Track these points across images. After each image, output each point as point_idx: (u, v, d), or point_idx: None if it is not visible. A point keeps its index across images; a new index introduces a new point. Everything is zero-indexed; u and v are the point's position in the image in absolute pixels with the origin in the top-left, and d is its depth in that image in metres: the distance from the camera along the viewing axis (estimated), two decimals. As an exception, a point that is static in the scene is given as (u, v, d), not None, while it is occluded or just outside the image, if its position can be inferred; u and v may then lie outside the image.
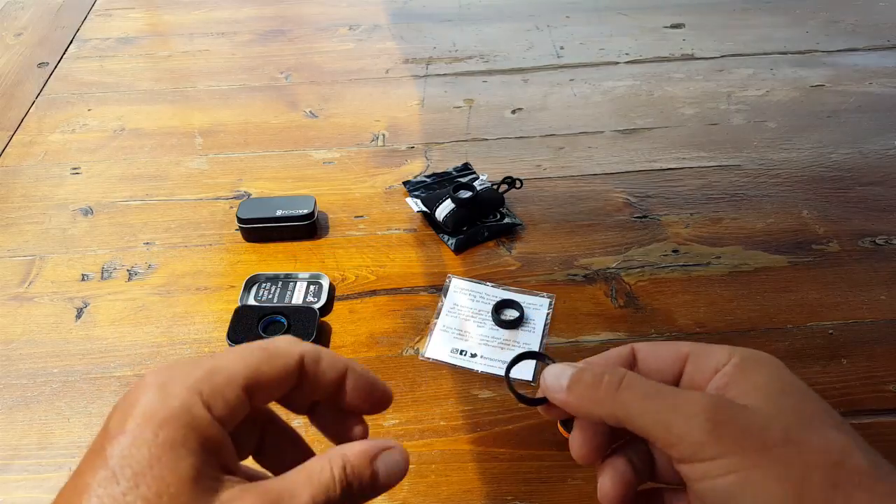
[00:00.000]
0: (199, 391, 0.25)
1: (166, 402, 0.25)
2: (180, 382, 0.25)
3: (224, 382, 0.26)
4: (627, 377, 0.29)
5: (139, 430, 0.24)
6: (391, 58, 0.93)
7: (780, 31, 0.96)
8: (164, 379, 0.25)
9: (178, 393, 0.25)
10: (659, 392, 0.28)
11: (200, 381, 0.25)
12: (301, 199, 0.67)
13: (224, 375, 0.26)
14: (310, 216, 0.66)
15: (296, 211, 0.66)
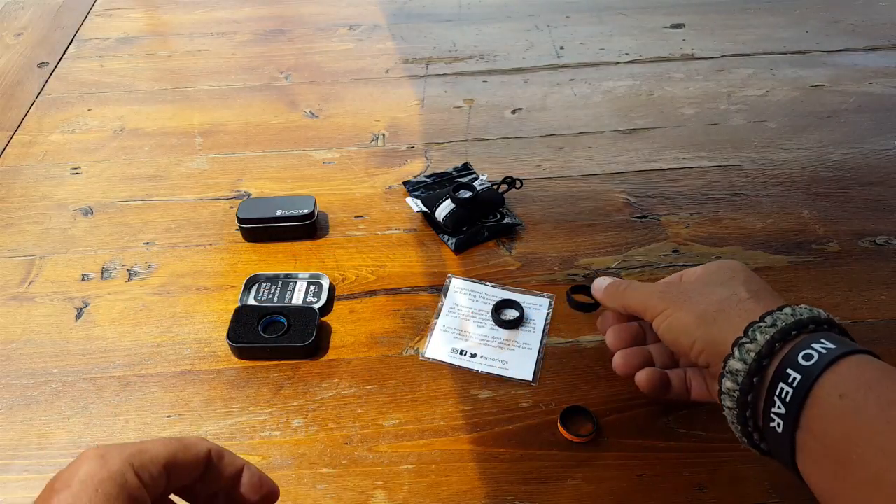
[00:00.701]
0: (131, 462, 0.31)
1: (105, 467, 0.30)
2: (117, 455, 0.31)
3: (150, 460, 0.32)
4: (631, 283, 0.49)
5: (83, 487, 0.30)
6: (391, 58, 0.93)
7: (780, 31, 0.96)
8: (103, 452, 0.31)
9: (115, 462, 0.31)
10: (640, 287, 0.48)
11: (132, 455, 0.31)
12: (301, 199, 0.67)
13: (150, 455, 0.32)
14: (310, 216, 0.66)
15: (296, 211, 0.66)
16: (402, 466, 0.49)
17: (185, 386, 0.55)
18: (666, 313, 0.45)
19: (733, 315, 0.41)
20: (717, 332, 0.41)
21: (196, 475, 0.34)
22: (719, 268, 0.46)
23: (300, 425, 0.52)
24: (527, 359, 0.56)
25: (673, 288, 0.46)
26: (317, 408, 0.53)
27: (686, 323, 0.43)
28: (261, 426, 0.52)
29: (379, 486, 0.48)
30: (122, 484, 0.31)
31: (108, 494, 0.30)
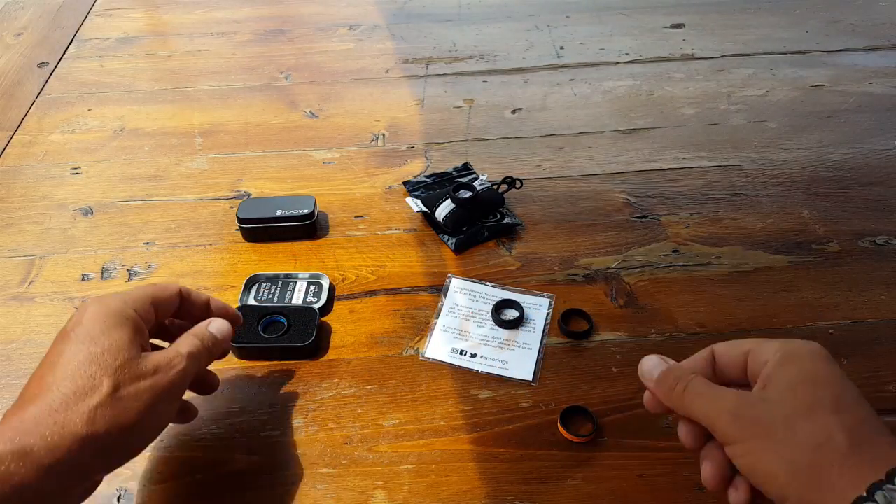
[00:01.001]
0: (125, 301, 0.43)
1: (107, 306, 0.42)
2: (113, 298, 0.43)
3: (140, 297, 0.44)
4: (692, 383, 0.39)
5: (93, 321, 0.41)
6: (391, 58, 0.93)
7: (780, 31, 0.96)
8: (100, 298, 0.43)
9: (114, 301, 0.43)
10: (706, 393, 0.38)
11: (125, 295, 0.44)
12: (301, 199, 0.67)
13: (138, 294, 0.44)
14: (310, 216, 0.66)
15: (296, 211, 0.66)
16: (402, 466, 0.49)
17: (185, 386, 0.55)
18: (745, 447, 0.36)
19: (833, 475, 0.33)
20: (816, 497, 0.33)
21: (174, 308, 0.47)
22: (801, 378, 0.36)
23: (300, 425, 0.52)
24: (527, 359, 0.56)
25: (747, 406, 0.36)
26: (317, 408, 0.53)
27: (773, 472, 0.35)
28: (261, 426, 0.52)
29: (379, 486, 0.48)
30: (124, 315, 0.42)
31: (115, 323, 0.41)
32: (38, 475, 0.35)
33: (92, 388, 0.38)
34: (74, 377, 0.38)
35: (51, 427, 0.36)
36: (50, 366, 0.39)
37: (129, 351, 0.40)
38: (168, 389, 0.41)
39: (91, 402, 0.38)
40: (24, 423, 0.37)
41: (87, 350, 0.39)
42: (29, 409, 0.37)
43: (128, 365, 0.40)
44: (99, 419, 0.37)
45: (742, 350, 0.39)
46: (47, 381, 0.38)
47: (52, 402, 0.37)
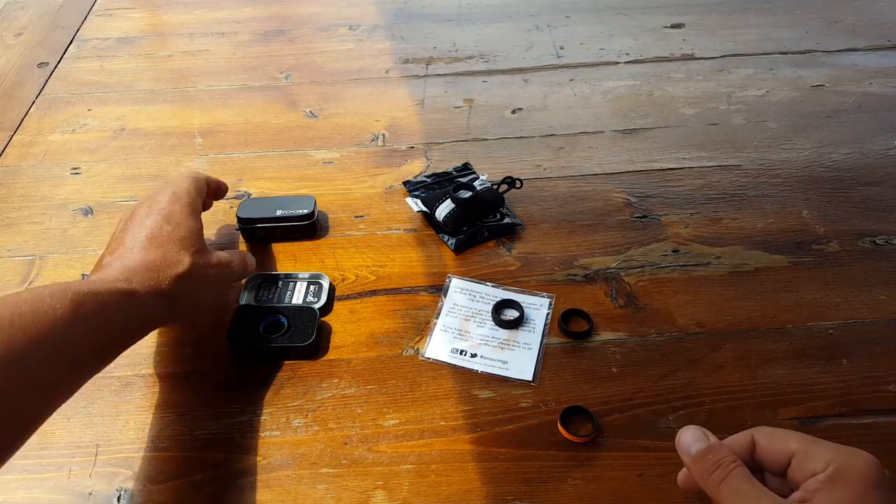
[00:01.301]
0: (191, 194, 0.56)
1: (181, 196, 0.55)
2: (183, 189, 0.56)
3: (197, 192, 0.57)
4: (732, 474, 0.37)
5: (172, 205, 0.54)
6: (391, 58, 0.93)
7: (780, 31, 0.96)
8: (173, 188, 0.56)
9: (185, 194, 0.55)
10: (746, 492, 0.36)
11: (191, 188, 0.57)
12: (301, 199, 0.67)
13: (196, 188, 0.57)
14: (310, 216, 0.66)
15: (296, 211, 0.66)
16: (402, 466, 0.49)
17: (185, 386, 0.55)
18: None
19: None
20: None
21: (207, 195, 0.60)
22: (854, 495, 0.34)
23: (300, 425, 0.52)
24: (527, 359, 0.56)
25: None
26: (317, 408, 0.53)
27: None
28: (261, 426, 0.52)
29: (379, 486, 0.48)
30: (193, 206, 0.55)
31: (189, 211, 0.54)
32: (137, 309, 0.48)
33: (178, 261, 0.51)
34: (166, 250, 0.51)
35: (149, 280, 0.49)
36: (141, 233, 0.51)
37: (200, 236, 0.54)
38: (219, 282, 0.56)
39: (176, 271, 0.50)
40: (129, 270, 0.49)
41: (173, 232, 0.52)
42: (130, 260, 0.49)
43: (202, 251, 0.53)
44: (178, 285, 0.50)
45: (788, 448, 0.37)
46: (143, 244, 0.51)
47: (148, 261, 0.49)
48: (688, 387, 0.54)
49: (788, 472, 0.37)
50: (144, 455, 0.50)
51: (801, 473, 0.36)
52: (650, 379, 0.54)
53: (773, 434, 0.39)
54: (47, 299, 0.42)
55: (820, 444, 0.37)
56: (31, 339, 0.40)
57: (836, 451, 0.36)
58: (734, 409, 0.52)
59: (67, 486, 0.49)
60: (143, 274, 0.49)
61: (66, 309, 0.43)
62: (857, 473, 0.35)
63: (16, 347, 0.40)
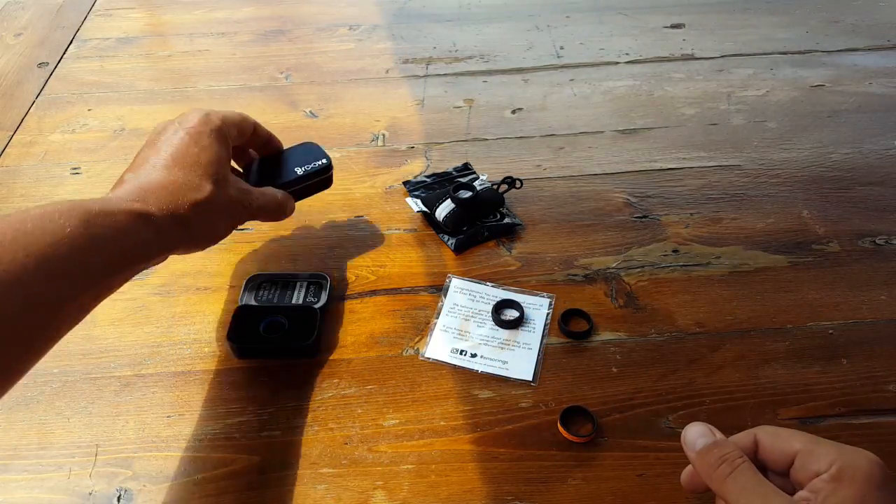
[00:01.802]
0: (224, 122, 0.53)
1: (212, 121, 0.52)
2: (215, 116, 0.53)
3: (231, 123, 0.54)
4: (738, 469, 0.36)
5: (203, 128, 0.52)
6: (391, 58, 0.93)
7: (780, 31, 0.96)
8: (205, 112, 0.53)
9: (217, 120, 0.53)
10: (753, 489, 0.36)
11: (224, 118, 0.54)
12: (306, 149, 0.63)
13: (231, 120, 0.54)
14: (328, 166, 0.62)
15: (314, 163, 0.62)
16: (402, 466, 0.49)
17: (185, 386, 0.55)
18: None
19: None
20: None
21: (248, 137, 0.57)
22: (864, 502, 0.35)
23: (300, 425, 0.52)
24: (527, 359, 0.56)
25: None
26: (317, 408, 0.53)
27: None
28: (261, 426, 0.52)
29: (379, 486, 0.48)
30: (223, 133, 0.52)
31: (218, 138, 0.52)
32: (151, 232, 0.46)
33: (199, 186, 0.49)
34: (188, 171, 0.49)
35: (166, 202, 0.47)
36: (166, 150, 0.50)
37: (226, 165, 0.52)
38: (236, 216, 0.53)
39: (196, 196, 0.48)
40: (146, 190, 0.47)
41: (199, 154, 0.50)
42: (148, 178, 0.48)
43: (224, 179, 0.51)
44: (196, 210, 0.48)
45: (791, 448, 0.37)
46: (164, 163, 0.49)
47: (168, 182, 0.48)
48: (688, 387, 0.54)
49: (791, 471, 0.37)
50: (144, 455, 0.50)
51: (804, 473, 0.36)
52: (650, 379, 0.54)
53: (777, 433, 0.39)
54: (56, 217, 0.41)
55: (823, 444, 0.37)
56: (35, 258, 0.39)
57: (839, 450, 0.36)
58: (734, 409, 0.52)
59: (67, 486, 0.49)
60: (160, 195, 0.47)
61: (75, 228, 0.41)
62: (860, 473, 0.35)
63: (18, 266, 0.38)
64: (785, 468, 0.38)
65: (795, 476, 0.37)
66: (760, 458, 0.39)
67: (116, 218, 0.44)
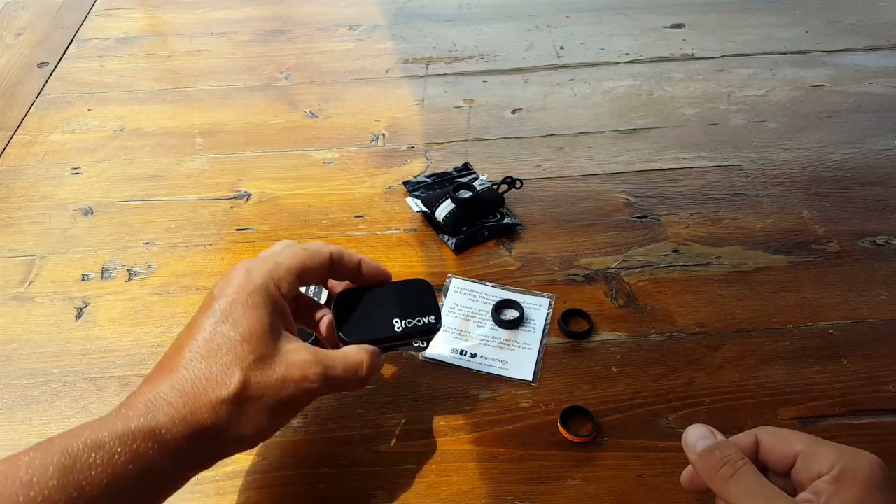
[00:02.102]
0: (271, 277, 0.41)
1: (252, 281, 0.41)
2: (259, 270, 0.41)
3: (285, 272, 0.42)
4: (740, 471, 0.36)
5: (236, 295, 0.40)
6: (391, 58, 0.93)
7: (780, 31, 0.96)
8: (249, 267, 0.42)
9: (259, 276, 0.41)
10: (756, 491, 0.35)
11: (271, 270, 0.42)
12: (413, 291, 0.49)
13: (285, 268, 0.42)
14: (435, 325, 0.48)
15: (420, 319, 0.48)
16: (402, 466, 0.49)
17: (185, 386, 0.55)
18: None
19: None
20: None
21: (323, 275, 0.45)
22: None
23: (300, 425, 0.52)
24: (527, 359, 0.56)
25: None
26: (317, 408, 0.53)
27: None
28: (261, 426, 0.52)
29: (379, 486, 0.48)
30: (266, 294, 0.40)
31: (256, 302, 0.40)
32: (163, 457, 0.36)
33: (223, 379, 0.38)
34: (210, 360, 0.38)
35: (180, 409, 0.37)
36: (189, 337, 0.40)
37: (266, 340, 0.39)
38: (289, 406, 0.40)
39: (220, 394, 0.37)
40: (157, 399, 0.37)
41: (226, 332, 0.39)
42: (163, 382, 0.38)
43: (266, 357, 0.39)
44: (221, 414, 0.38)
45: (792, 449, 0.37)
46: (184, 356, 0.39)
47: (184, 382, 0.38)
48: (688, 387, 0.54)
49: (793, 472, 0.37)
50: (144, 455, 0.50)
51: (805, 474, 0.36)
52: (650, 379, 0.54)
53: (777, 434, 0.39)
54: (21, 471, 0.32)
55: (824, 445, 0.37)
56: None
57: (840, 452, 0.36)
58: (734, 409, 0.52)
59: (67, 486, 0.49)
60: (174, 400, 0.37)
61: (45, 482, 0.32)
62: (861, 475, 0.35)
63: None
64: (786, 469, 0.38)
65: (796, 477, 0.37)
66: (761, 459, 0.39)
67: (108, 449, 0.34)
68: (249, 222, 0.69)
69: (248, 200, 0.71)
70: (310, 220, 0.69)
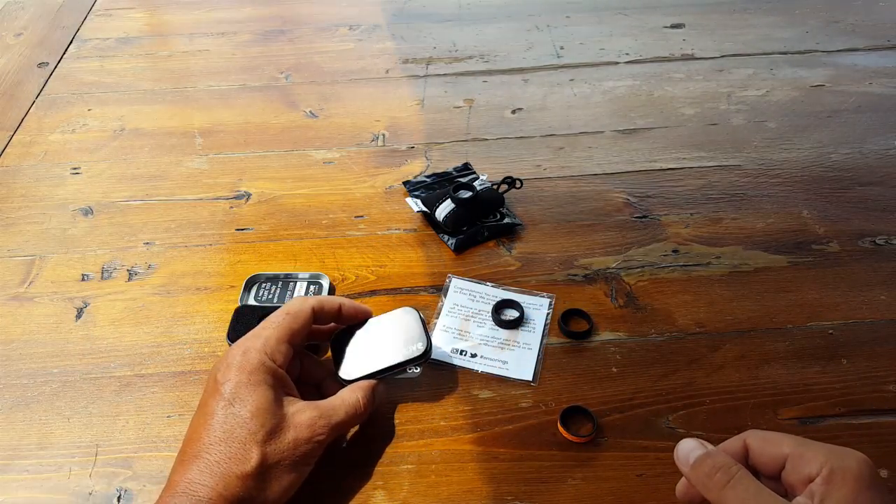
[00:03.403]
0: (265, 352, 0.45)
1: (250, 361, 0.45)
2: (253, 349, 0.46)
3: (275, 343, 0.46)
4: (735, 478, 0.36)
5: (238, 378, 0.44)
6: (391, 58, 0.93)
7: (780, 31, 0.96)
8: (245, 349, 0.46)
9: (255, 356, 0.45)
10: (754, 499, 0.35)
11: (264, 346, 0.46)
12: (402, 323, 0.52)
13: (274, 340, 0.46)
14: (426, 353, 0.51)
15: (410, 348, 0.51)
16: (402, 466, 0.49)
17: (185, 386, 0.55)
18: None
19: None
20: None
21: (308, 331, 0.49)
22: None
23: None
24: (527, 359, 0.56)
25: None
26: (317, 408, 0.53)
27: None
28: (261, 426, 0.52)
29: (379, 486, 0.48)
30: (264, 370, 0.45)
31: (258, 380, 0.44)
32: None
33: (243, 456, 0.42)
34: (228, 442, 0.42)
35: (215, 488, 0.41)
36: (205, 423, 0.43)
37: (272, 412, 0.44)
38: (306, 460, 0.45)
39: (244, 469, 0.42)
40: (193, 484, 0.41)
41: (236, 413, 0.43)
42: (192, 469, 0.42)
43: (277, 428, 0.43)
44: (251, 485, 0.42)
45: (780, 452, 0.37)
46: (204, 442, 0.43)
47: (211, 466, 0.42)
48: (688, 387, 0.54)
49: (783, 475, 0.37)
50: (144, 455, 0.50)
51: (795, 477, 0.37)
52: (650, 379, 0.54)
53: (765, 438, 0.39)
54: None
55: (812, 447, 0.37)
56: None
57: (828, 452, 0.36)
58: (734, 409, 0.52)
59: (67, 486, 0.49)
60: (207, 481, 0.41)
61: None
62: (850, 474, 0.35)
63: None
64: (776, 472, 0.38)
65: (786, 479, 0.37)
66: (751, 464, 0.39)
67: None
68: (249, 222, 0.69)
69: (248, 200, 0.71)
70: (310, 220, 0.69)
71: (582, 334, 0.57)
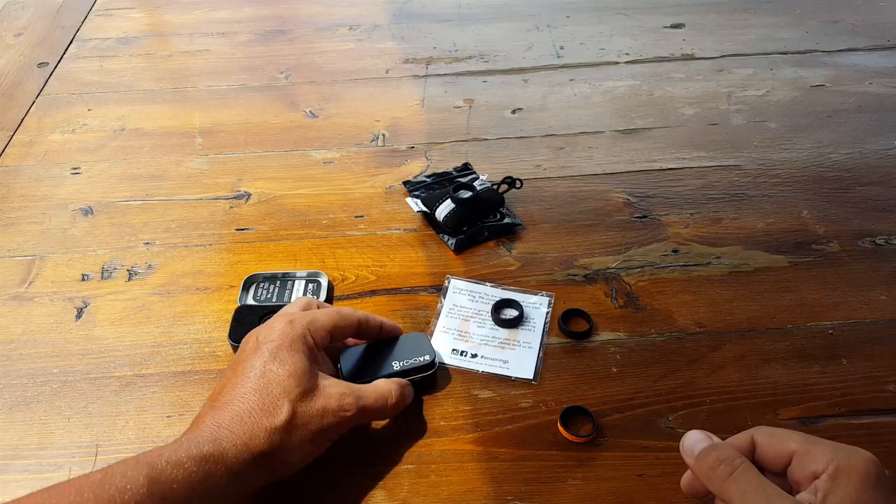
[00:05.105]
0: (308, 329, 0.48)
1: (294, 329, 0.47)
2: (299, 322, 0.48)
3: (321, 327, 0.49)
4: (738, 470, 0.36)
5: (280, 341, 0.46)
6: (391, 58, 0.93)
7: (780, 31, 0.96)
8: (291, 318, 0.48)
9: (299, 327, 0.47)
10: (756, 491, 0.35)
11: (309, 323, 0.48)
12: (410, 338, 0.55)
13: (320, 323, 0.49)
14: (432, 364, 0.53)
15: (416, 359, 0.53)
16: (402, 466, 0.49)
17: (185, 386, 0.55)
18: None
19: None
20: None
21: (350, 334, 0.52)
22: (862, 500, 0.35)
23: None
24: (527, 357, 0.56)
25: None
26: (317, 408, 0.53)
27: None
28: (261, 426, 0.52)
29: (379, 486, 0.48)
30: (304, 342, 0.47)
31: (296, 348, 0.46)
32: (227, 478, 0.41)
33: (275, 409, 0.43)
34: (262, 393, 0.44)
35: (241, 436, 0.42)
36: (242, 374, 0.45)
37: (308, 377, 0.45)
38: (328, 434, 0.46)
39: (273, 422, 0.43)
40: (220, 429, 0.42)
41: (275, 371, 0.45)
42: (223, 413, 0.43)
43: (308, 392, 0.45)
44: (276, 440, 0.43)
45: (787, 448, 0.38)
46: (239, 391, 0.44)
47: (241, 411, 0.43)
48: (688, 387, 0.54)
49: (789, 471, 0.38)
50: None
51: (801, 473, 0.37)
52: (650, 379, 0.54)
53: (773, 434, 0.39)
54: (117, 480, 0.38)
55: (820, 444, 0.37)
56: None
57: (835, 450, 0.36)
58: (734, 409, 0.52)
59: (67, 486, 0.49)
60: (235, 429, 0.42)
61: (137, 489, 0.37)
62: (856, 472, 0.35)
63: None
64: (782, 468, 0.38)
65: (792, 476, 0.37)
66: (758, 459, 0.39)
67: (186, 468, 0.39)
68: (249, 222, 0.69)
69: (248, 200, 0.71)
70: (310, 220, 0.69)
71: (582, 334, 0.57)
